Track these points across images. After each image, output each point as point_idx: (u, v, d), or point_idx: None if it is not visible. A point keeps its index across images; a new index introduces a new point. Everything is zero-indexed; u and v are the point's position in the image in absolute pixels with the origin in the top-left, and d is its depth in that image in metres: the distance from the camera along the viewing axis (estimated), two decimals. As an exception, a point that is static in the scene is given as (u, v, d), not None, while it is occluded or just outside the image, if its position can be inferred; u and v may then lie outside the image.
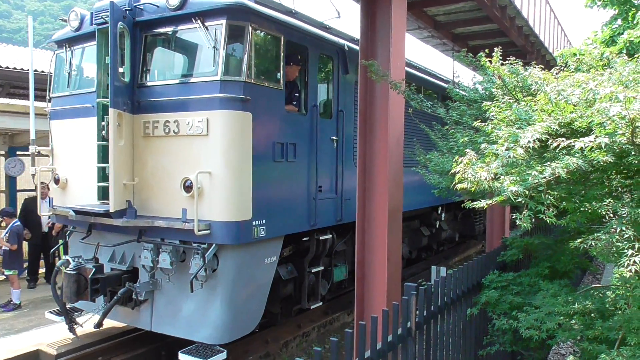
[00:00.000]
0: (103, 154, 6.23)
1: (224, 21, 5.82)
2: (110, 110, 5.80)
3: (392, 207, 6.31)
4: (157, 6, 6.21)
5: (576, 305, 4.15)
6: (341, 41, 7.85)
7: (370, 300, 6.36)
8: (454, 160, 3.51)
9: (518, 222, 3.21)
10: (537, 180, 3.03)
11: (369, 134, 6.37)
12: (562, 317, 4.12)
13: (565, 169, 2.94)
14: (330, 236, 7.73)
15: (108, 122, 5.90)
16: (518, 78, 4.51)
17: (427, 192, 8.26)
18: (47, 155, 7.58)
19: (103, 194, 6.44)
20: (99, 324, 6.32)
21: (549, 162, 3.07)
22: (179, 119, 5.96)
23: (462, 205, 4.09)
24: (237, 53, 5.94)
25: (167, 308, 6.32)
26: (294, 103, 6.89)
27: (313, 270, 7.53)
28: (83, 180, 6.84)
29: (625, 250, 2.97)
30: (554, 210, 3.16)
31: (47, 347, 7.01)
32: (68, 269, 6.19)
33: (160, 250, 6.08)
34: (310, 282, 7.62)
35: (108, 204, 6.28)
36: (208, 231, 5.72)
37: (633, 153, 3.06)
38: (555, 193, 3.57)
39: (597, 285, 6.20)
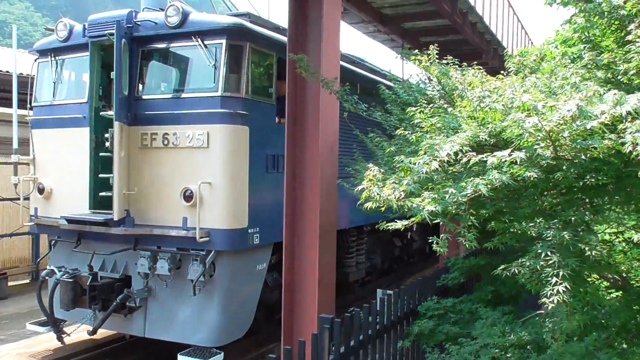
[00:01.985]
0: (103, 165, 6.78)
1: (224, 41, 6.57)
2: (115, 123, 6.39)
3: (324, 223, 5.92)
4: (155, 23, 6.86)
5: (512, 336, 3.94)
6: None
7: (299, 330, 5.99)
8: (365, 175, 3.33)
9: (435, 247, 3.12)
10: (456, 199, 2.91)
11: (299, 140, 5.94)
12: (497, 350, 3.93)
13: (488, 186, 2.81)
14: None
15: (112, 134, 6.47)
16: (450, 81, 4.37)
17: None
18: (26, 164, 7.95)
19: (95, 203, 6.97)
20: (94, 331, 6.80)
21: (473, 178, 2.94)
22: (177, 132, 6.62)
23: (376, 226, 3.87)
24: (236, 70, 6.69)
25: (161, 314, 6.90)
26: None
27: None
28: (71, 190, 7.30)
29: (550, 278, 2.73)
30: (474, 232, 3.04)
31: (29, 357, 7.39)
32: (64, 277, 6.66)
33: (158, 257, 6.67)
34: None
35: (101, 213, 6.84)
36: (208, 238, 6.40)
37: (564, 167, 2.95)
38: (484, 212, 3.49)
39: (541, 312, 5.59)
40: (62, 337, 7.23)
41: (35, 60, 7.91)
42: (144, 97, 6.92)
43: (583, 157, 2.73)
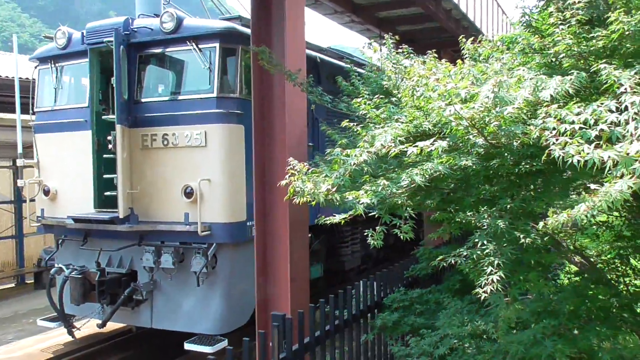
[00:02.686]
0: (105, 166, 7.22)
1: (217, 44, 7.00)
2: (117, 126, 6.83)
3: (295, 219, 5.87)
4: (151, 29, 7.29)
5: (469, 325, 3.93)
6: (314, 54, 9.18)
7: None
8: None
9: (370, 240, 3.09)
10: (389, 191, 2.89)
11: (267, 133, 5.92)
12: (455, 340, 3.95)
13: (424, 176, 2.81)
14: (310, 235, 9.02)
15: (114, 137, 6.92)
16: (397, 69, 4.28)
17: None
18: (30, 167, 8.38)
19: (100, 202, 7.42)
20: (103, 324, 7.28)
21: (411, 169, 2.94)
22: (176, 132, 7.06)
23: (316, 221, 3.88)
24: (230, 72, 7.13)
25: (166, 305, 7.37)
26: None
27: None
28: (75, 190, 7.75)
29: (485, 268, 2.75)
30: (411, 224, 3.06)
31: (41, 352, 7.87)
32: (73, 274, 7.12)
33: (162, 252, 7.14)
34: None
35: (106, 212, 7.30)
36: (209, 232, 6.86)
37: (505, 155, 2.95)
38: (430, 202, 3.53)
39: (508, 299, 5.75)
40: (72, 331, 7.69)
41: (36, 67, 8.32)
42: (143, 100, 7.35)
43: (515, 144, 2.79)
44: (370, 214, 3.13)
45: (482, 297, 2.74)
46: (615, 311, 3.85)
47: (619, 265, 4.68)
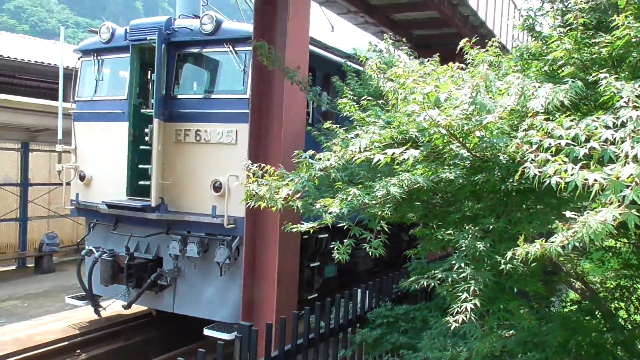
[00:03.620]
0: (140, 156, 7.74)
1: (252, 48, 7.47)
2: (155, 120, 7.34)
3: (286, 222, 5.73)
4: (191, 29, 7.79)
5: (450, 351, 3.62)
6: (340, 60, 9.60)
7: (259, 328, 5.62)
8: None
9: (335, 254, 2.92)
10: (361, 201, 2.71)
11: (264, 132, 5.82)
12: None
13: (401, 187, 2.62)
14: (327, 235, 9.46)
15: (151, 130, 7.43)
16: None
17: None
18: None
19: (132, 190, 7.94)
20: (129, 305, 7.80)
21: (390, 178, 2.75)
22: (209, 129, 7.54)
23: (282, 227, 3.70)
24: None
25: (188, 292, 7.85)
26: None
27: (311, 265, 9.23)
28: (109, 178, 8.29)
29: (460, 294, 2.53)
30: (383, 238, 2.87)
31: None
32: (104, 256, 7.65)
33: (188, 241, 7.62)
34: (307, 276, 9.31)
35: (138, 200, 7.81)
36: (234, 225, 7.33)
37: (495, 169, 2.65)
38: (411, 215, 3.31)
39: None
40: (98, 310, 8.23)
41: (79, 58, 8.88)
42: (179, 96, 7.86)
43: (502, 158, 2.53)
44: (340, 225, 2.92)
45: (453, 327, 2.48)
46: (610, 347, 3.58)
47: (621, 294, 4.42)
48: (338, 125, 3.95)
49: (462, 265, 2.65)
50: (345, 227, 3.17)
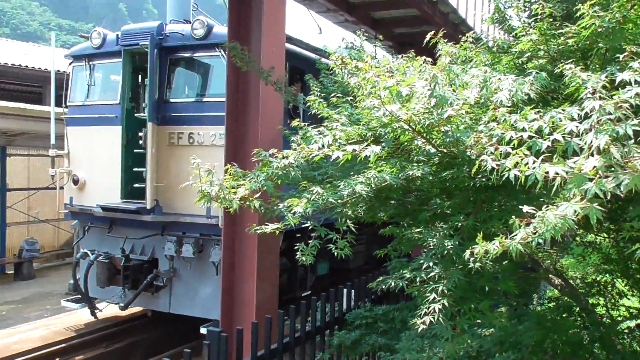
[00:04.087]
0: (133, 160, 7.90)
1: (243, 52, 7.66)
2: (148, 123, 7.52)
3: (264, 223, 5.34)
4: (182, 34, 7.97)
5: (427, 352, 3.49)
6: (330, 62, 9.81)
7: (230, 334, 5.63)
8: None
9: (299, 255, 2.86)
10: (325, 200, 2.65)
11: (241, 134, 5.77)
12: None
13: (369, 185, 2.57)
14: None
15: (145, 133, 7.60)
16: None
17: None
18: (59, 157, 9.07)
19: (126, 193, 8.10)
20: (125, 307, 7.95)
21: (355, 177, 2.69)
22: (201, 132, 7.74)
23: (247, 229, 3.71)
24: (253, 78, 7.79)
25: (184, 292, 8.03)
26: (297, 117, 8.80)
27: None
28: (103, 181, 8.43)
29: (428, 294, 2.48)
30: (350, 238, 2.81)
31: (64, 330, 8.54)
32: (100, 258, 7.80)
33: (183, 242, 7.81)
34: (301, 274, 9.53)
35: (132, 202, 7.97)
36: (228, 226, 7.52)
37: (463, 166, 2.56)
38: (382, 215, 3.27)
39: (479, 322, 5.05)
40: (95, 312, 8.37)
41: (70, 63, 9.01)
42: (172, 100, 8.03)
43: (469, 153, 2.42)
44: (304, 225, 2.86)
45: (420, 329, 2.44)
46: (587, 344, 3.54)
47: (598, 290, 4.43)
48: (307, 124, 3.90)
49: (431, 264, 2.61)
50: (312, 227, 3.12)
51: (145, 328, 9.12)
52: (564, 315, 3.65)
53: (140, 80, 8.60)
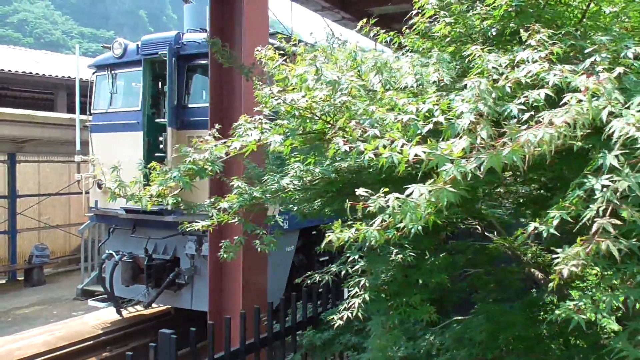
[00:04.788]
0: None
1: (257, 58, 8.01)
2: (168, 128, 7.93)
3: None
4: (199, 43, 8.36)
5: (396, 348, 3.30)
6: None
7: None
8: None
9: (222, 253, 2.79)
10: (252, 196, 2.56)
11: (223, 129, 4.97)
12: None
13: (301, 179, 2.50)
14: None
15: (165, 137, 8.01)
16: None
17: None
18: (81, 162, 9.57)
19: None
20: (149, 304, 8.37)
21: (283, 171, 2.61)
22: (219, 135, 8.10)
23: (179, 226, 3.75)
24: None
25: (205, 289, 8.40)
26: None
27: (320, 259, 9.76)
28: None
29: (350, 289, 2.44)
30: (279, 233, 2.67)
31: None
32: (124, 258, 8.23)
33: (204, 241, 8.18)
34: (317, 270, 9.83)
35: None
36: (246, 225, 7.87)
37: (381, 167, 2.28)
38: (328, 210, 3.18)
39: (459, 317, 4.58)
40: (120, 310, 8.81)
41: (93, 73, 9.50)
42: (190, 105, 8.44)
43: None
44: (232, 222, 2.87)
45: (337, 325, 2.34)
46: (546, 340, 3.42)
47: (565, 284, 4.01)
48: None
49: (356, 257, 2.56)
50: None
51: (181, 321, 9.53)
52: (527, 310, 3.48)
53: (160, 87, 9.03)
